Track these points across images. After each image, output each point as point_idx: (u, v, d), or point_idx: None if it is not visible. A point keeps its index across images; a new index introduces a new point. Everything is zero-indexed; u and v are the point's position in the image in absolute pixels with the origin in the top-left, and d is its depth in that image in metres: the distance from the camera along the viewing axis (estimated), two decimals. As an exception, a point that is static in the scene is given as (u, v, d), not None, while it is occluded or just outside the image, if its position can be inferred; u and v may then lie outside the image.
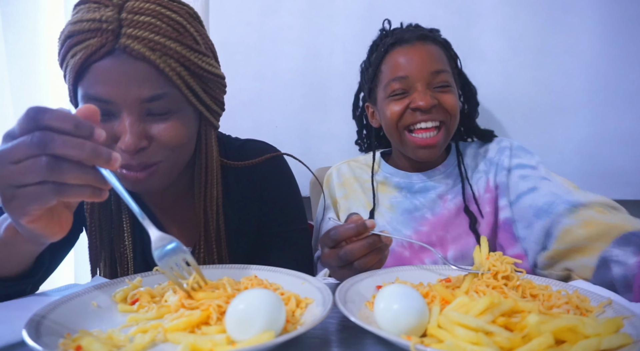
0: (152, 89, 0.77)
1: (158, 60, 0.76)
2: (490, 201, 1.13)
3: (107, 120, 0.78)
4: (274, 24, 1.62)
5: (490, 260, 0.69)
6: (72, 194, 0.55)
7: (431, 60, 1.10)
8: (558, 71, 1.47)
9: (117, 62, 0.75)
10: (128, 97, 0.76)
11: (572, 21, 1.45)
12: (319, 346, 0.56)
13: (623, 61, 1.43)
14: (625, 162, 1.44)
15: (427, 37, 1.14)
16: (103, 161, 0.55)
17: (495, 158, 1.17)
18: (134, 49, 0.75)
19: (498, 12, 1.49)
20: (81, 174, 0.54)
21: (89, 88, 0.77)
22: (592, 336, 0.47)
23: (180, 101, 0.82)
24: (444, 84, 1.10)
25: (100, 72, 0.76)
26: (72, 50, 0.77)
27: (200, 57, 0.83)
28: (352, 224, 0.73)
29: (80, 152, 0.53)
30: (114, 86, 0.75)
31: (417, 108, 1.08)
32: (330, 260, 0.76)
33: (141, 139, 0.78)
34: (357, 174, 1.28)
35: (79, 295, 0.64)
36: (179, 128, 0.82)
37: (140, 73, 0.76)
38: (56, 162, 0.53)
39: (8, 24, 1.61)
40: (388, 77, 1.12)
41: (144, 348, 0.52)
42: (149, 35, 0.76)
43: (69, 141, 0.53)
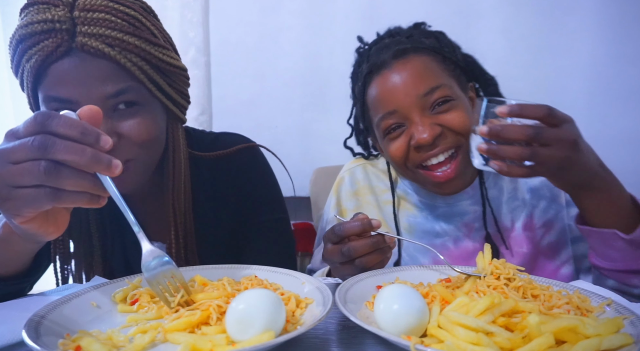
0: (115, 84, 0.76)
1: (118, 55, 0.75)
2: (528, 241, 0.99)
3: None
4: (274, 24, 1.62)
5: (493, 265, 0.69)
6: (68, 200, 0.55)
7: (418, 79, 0.91)
8: (558, 71, 1.47)
9: (77, 62, 0.74)
10: (91, 96, 0.74)
11: (572, 21, 1.45)
12: (319, 346, 0.56)
13: (623, 61, 1.43)
14: (625, 162, 1.43)
15: (406, 50, 0.94)
16: (103, 167, 0.54)
17: (544, 191, 1.02)
18: (92, 46, 0.73)
19: (498, 12, 1.49)
20: (79, 181, 0.54)
21: (50, 90, 0.75)
22: (592, 336, 0.47)
23: (145, 95, 0.81)
24: (443, 100, 0.91)
25: (59, 73, 0.74)
26: (26, 54, 0.75)
27: (160, 50, 0.82)
28: (357, 222, 0.73)
29: (80, 158, 0.52)
30: (76, 85, 0.74)
31: (420, 145, 0.91)
32: (332, 256, 0.76)
33: (109, 135, 0.77)
34: (373, 183, 1.13)
35: (79, 295, 0.64)
36: (148, 123, 0.81)
37: (102, 70, 0.75)
38: (55, 167, 0.52)
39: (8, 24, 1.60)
40: (376, 115, 0.96)
41: (143, 349, 0.52)
42: (105, 31, 0.74)
43: (70, 146, 0.52)
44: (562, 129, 0.71)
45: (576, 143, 0.72)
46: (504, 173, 0.74)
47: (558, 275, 0.99)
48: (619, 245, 0.78)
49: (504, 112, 0.71)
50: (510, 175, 0.75)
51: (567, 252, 1.00)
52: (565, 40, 1.45)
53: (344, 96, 1.57)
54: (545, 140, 0.70)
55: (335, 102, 1.61)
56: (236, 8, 1.65)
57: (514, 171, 0.73)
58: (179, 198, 0.93)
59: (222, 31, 1.65)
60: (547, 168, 0.73)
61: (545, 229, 1.01)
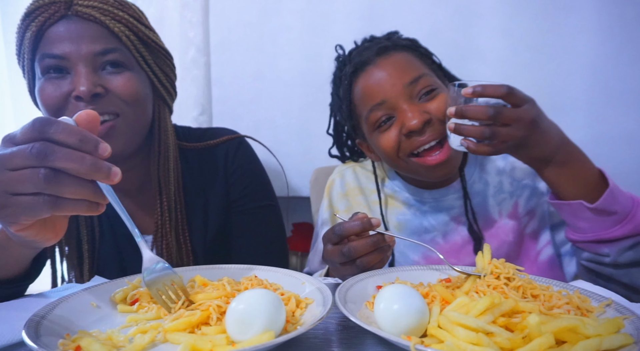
0: (104, 44, 0.85)
1: (108, 21, 0.86)
2: (514, 230, 1.03)
3: (61, 78, 0.84)
4: (274, 24, 1.62)
5: (492, 264, 0.69)
6: (67, 208, 0.54)
7: (402, 71, 0.96)
8: (558, 71, 1.47)
9: (71, 24, 0.84)
10: (82, 52, 0.83)
11: (572, 21, 1.45)
12: (319, 346, 0.56)
13: (623, 61, 1.43)
14: (625, 163, 1.43)
15: (387, 48, 1.00)
16: (103, 175, 0.53)
17: (526, 181, 1.06)
18: (86, 12, 0.84)
19: (498, 12, 1.49)
20: (79, 188, 0.53)
21: (45, 49, 0.84)
22: (592, 336, 0.47)
23: (131, 59, 0.89)
24: (428, 89, 0.95)
25: (54, 33, 0.84)
26: (29, 27, 0.85)
27: (147, 30, 0.92)
28: (357, 221, 0.73)
29: (79, 166, 0.52)
30: (68, 43, 0.83)
31: (411, 131, 0.93)
32: (333, 256, 0.76)
33: (95, 85, 0.83)
34: (363, 184, 1.16)
35: (79, 295, 0.64)
36: (133, 82, 0.88)
37: (93, 31, 0.85)
38: (54, 175, 0.51)
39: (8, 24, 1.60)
40: (365, 109, 0.99)
41: (143, 349, 0.52)
42: (98, 4, 0.86)
43: (69, 154, 0.51)
44: (520, 109, 0.79)
45: (534, 122, 0.80)
46: (471, 151, 0.83)
47: (539, 259, 1.03)
48: (587, 215, 0.83)
49: (468, 92, 0.79)
50: (477, 153, 0.83)
51: (546, 236, 1.04)
52: (565, 41, 1.45)
53: (344, 96, 1.57)
54: (505, 119, 0.78)
55: (335, 103, 1.61)
56: (236, 8, 1.64)
57: (479, 148, 0.82)
58: (167, 186, 0.96)
59: (222, 31, 1.65)
60: (507, 146, 0.81)
61: (529, 217, 1.05)
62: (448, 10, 1.52)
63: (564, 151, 0.83)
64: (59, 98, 0.83)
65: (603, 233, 0.83)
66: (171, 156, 0.97)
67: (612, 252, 0.84)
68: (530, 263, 1.04)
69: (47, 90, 0.84)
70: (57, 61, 0.83)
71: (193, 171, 1.03)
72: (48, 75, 0.84)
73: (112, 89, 0.85)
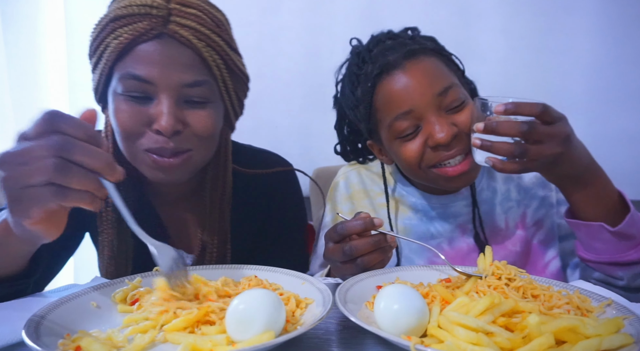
0: (194, 75, 0.80)
1: (203, 48, 0.80)
2: (522, 240, 1.02)
3: (142, 102, 0.79)
4: (274, 24, 1.62)
5: (493, 266, 0.69)
6: (73, 198, 0.56)
7: (432, 79, 0.90)
8: (558, 71, 1.47)
9: (164, 46, 0.78)
10: (171, 80, 0.78)
11: (572, 21, 1.45)
12: (319, 346, 0.56)
13: (623, 61, 1.43)
14: (625, 162, 1.44)
15: (416, 51, 0.93)
16: (112, 172, 0.56)
17: (535, 190, 1.04)
18: (183, 35, 0.78)
19: (498, 12, 1.49)
20: (86, 180, 0.55)
21: (131, 68, 0.78)
22: (592, 336, 0.47)
23: (215, 92, 0.85)
24: (457, 102, 0.91)
25: (145, 53, 0.77)
26: (116, 31, 0.78)
27: (235, 55, 0.88)
28: (359, 221, 0.73)
29: (96, 162, 0.55)
30: (159, 67, 0.77)
31: (438, 144, 0.89)
32: (334, 255, 0.76)
33: (178, 122, 0.79)
34: (368, 187, 1.12)
35: (79, 296, 0.64)
36: (212, 118, 0.84)
37: (185, 58, 0.79)
38: (65, 165, 0.54)
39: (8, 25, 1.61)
40: (389, 116, 0.93)
41: (143, 349, 0.52)
42: (195, 25, 0.79)
43: (87, 148, 0.54)
44: (555, 126, 0.75)
45: (568, 140, 0.76)
46: (497, 169, 0.78)
47: (547, 271, 1.02)
48: (605, 237, 0.80)
49: (499, 110, 0.74)
50: (504, 171, 0.78)
51: (555, 249, 1.03)
52: (565, 40, 1.45)
53: (344, 96, 1.57)
54: (538, 136, 0.74)
55: (335, 103, 1.61)
56: (236, 8, 1.64)
57: (507, 166, 0.77)
58: (225, 203, 0.95)
59: (222, 31, 1.65)
60: (538, 163, 0.77)
61: (536, 228, 1.04)
62: (448, 10, 1.52)
63: (590, 170, 0.81)
64: (137, 125, 0.79)
65: (619, 256, 0.81)
66: (229, 177, 0.96)
67: (625, 276, 0.82)
68: (537, 274, 1.01)
69: (126, 114, 0.79)
70: (142, 84, 0.77)
71: (237, 193, 1.00)
72: (128, 95, 0.79)
73: (191, 124, 0.81)
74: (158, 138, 0.79)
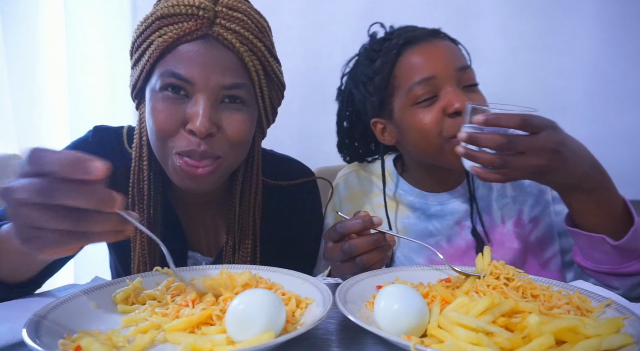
0: (234, 77, 0.80)
1: (245, 53, 0.81)
2: (519, 237, 1.02)
3: (179, 102, 0.79)
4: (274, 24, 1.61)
5: (492, 266, 0.69)
6: (96, 240, 0.54)
7: (454, 55, 0.96)
8: (558, 71, 1.47)
9: (208, 47, 0.79)
10: (210, 81, 0.78)
11: (572, 21, 1.45)
12: (319, 346, 0.56)
13: (623, 61, 1.43)
14: (625, 162, 1.43)
15: (439, 33, 1.00)
16: (109, 207, 0.53)
17: (530, 188, 1.06)
18: (227, 38, 0.79)
19: (498, 12, 1.49)
20: (107, 223, 0.53)
21: (173, 66, 0.78)
22: (592, 336, 0.47)
23: (251, 97, 0.85)
24: (472, 81, 0.96)
25: (188, 52, 0.78)
26: (161, 29, 0.79)
27: (274, 61, 0.88)
28: (359, 220, 0.73)
29: (86, 203, 0.51)
30: (199, 67, 0.78)
31: (456, 112, 0.90)
32: (333, 254, 0.76)
33: (212, 124, 0.78)
34: (366, 188, 1.14)
35: (79, 295, 0.64)
36: (247, 123, 0.84)
37: (227, 61, 0.80)
38: (84, 214, 0.52)
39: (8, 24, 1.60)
40: (409, 81, 0.95)
41: (143, 349, 0.52)
42: (240, 29, 0.80)
43: (72, 191, 0.50)
44: (538, 137, 0.73)
45: (555, 150, 0.73)
46: (481, 178, 0.78)
47: (546, 269, 1.02)
48: (606, 249, 0.78)
49: (479, 121, 0.74)
50: (488, 180, 0.78)
51: (554, 247, 1.03)
52: (565, 41, 1.45)
53: (344, 96, 1.57)
54: (519, 149, 0.73)
55: (336, 102, 1.61)
56: (236, 8, 1.65)
57: (489, 176, 0.77)
58: (256, 207, 0.95)
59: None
60: (522, 174, 0.76)
61: (533, 225, 1.04)
62: (448, 10, 1.52)
63: (591, 178, 0.77)
64: (172, 124, 0.79)
65: (618, 267, 0.79)
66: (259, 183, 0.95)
67: (623, 286, 0.81)
68: (535, 271, 1.02)
69: (162, 112, 0.79)
70: (182, 82, 0.78)
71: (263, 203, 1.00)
72: (166, 92, 0.79)
73: (225, 128, 0.81)
74: (190, 139, 0.78)
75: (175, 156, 0.81)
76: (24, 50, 1.62)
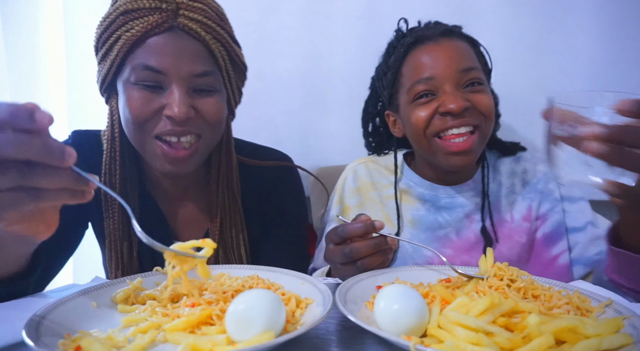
0: (203, 65, 0.84)
1: (211, 41, 0.85)
2: (527, 232, 1.04)
3: (154, 91, 0.83)
4: (274, 24, 1.62)
5: (495, 267, 0.69)
6: (49, 198, 0.52)
7: (459, 56, 0.98)
8: (558, 71, 1.47)
9: (175, 38, 0.82)
10: (181, 70, 0.82)
11: (571, 21, 1.45)
12: (319, 346, 0.56)
13: (622, 61, 1.42)
14: (625, 163, 1.43)
15: (452, 32, 1.02)
16: (57, 157, 0.49)
17: (539, 185, 1.07)
18: (192, 28, 0.82)
19: (498, 12, 1.49)
20: (56, 178, 0.50)
21: (145, 59, 0.81)
22: (592, 336, 0.47)
23: (220, 82, 0.89)
24: (475, 81, 0.98)
25: (157, 45, 0.82)
26: (127, 24, 0.82)
27: (236, 46, 0.93)
28: (360, 224, 0.73)
29: (31, 154, 0.48)
30: (170, 58, 0.81)
31: (448, 112, 0.95)
32: (334, 256, 0.76)
33: (190, 109, 0.83)
34: (375, 179, 1.15)
35: (79, 295, 0.64)
36: (220, 105, 0.88)
37: (194, 50, 0.84)
38: (27, 167, 0.49)
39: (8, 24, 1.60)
40: (411, 79, 1.00)
41: (143, 349, 0.52)
42: (202, 19, 0.84)
43: (13, 139, 0.47)
44: None
45: None
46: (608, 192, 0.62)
47: (555, 265, 1.03)
48: None
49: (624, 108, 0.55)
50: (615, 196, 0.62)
51: (563, 243, 1.04)
52: (565, 40, 1.45)
53: (344, 96, 1.57)
54: None
55: (335, 102, 1.61)
56: (236, 8, 1.64)
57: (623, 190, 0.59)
58: (233, 188, 0.98)
59: (222, 31, 1.65)
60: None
61: (541, 221, 1.06)
62: (448, 10, 1.52)
63: None
64: (149, 113, 0.83)
65: None
66: (235, 163, 0.99)
67: None
68: (542, 266, 1.04)
69: (138, 101, 0.82)
70: (155, 74, 0.81)
71: (242, 186, 1.03)
72: (141, 85, 0.82)
73: (201, 111, 0.85)
74: (167, 122, 0.82)
75: (155, 140, 0.84)
76: (24, 50, 1.62)
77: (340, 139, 1.62)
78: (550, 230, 1.05)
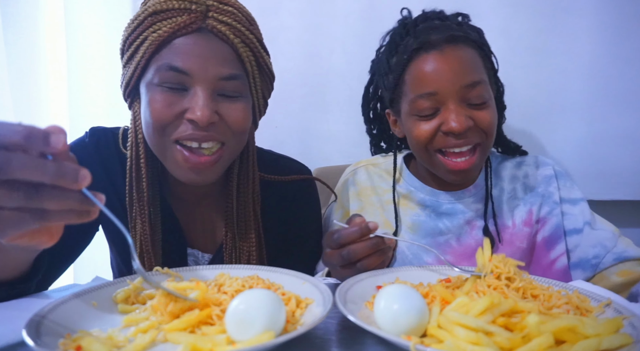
0: (230, 68, 0.82)
1: (239, 44, 0.82)
2: (528, 237, 1.04)
3: (178, 93, 0.80)
4: (274, 24, 1.62)
5: (493, 262, 0.69)
6: (54, 219, 0.51)
7: (464, 70, 0.94)
8: (558, 71, 1.47)
9: (204, 39, 0.80)
10: (208, 73, 0.79)
11: (571, 22, 1.44)
12: (319, 346, 0.56)
13: (622, 61, 1.42)
14: (624, 163, 1.43)
15: (458, 38, 0.96)
16: (70, 181, 0.48)
17: (540, 189, 1.07)
18: (220, 30, 0.80)
19: (498, 12, 1.49)
20: (62, 200, 0.49)
21: (171, 60, 0.79)
22: (592, 336, 0.47)
23: (246, 87, 0.86)
24: (480, 100, 0.95)
25: (184, 46, 0.79)
26: (155, 25, 0.80)
27: (265, 54, 0.90)
28: (355, 228, 0.73)
29: (42, 176, 0.47)
30: (197, 59, 0.79)
31: (450, 131, 0.93)
32: (332, 259, 0.76)
33: (213, 113, 0.80)
34: (376, 183, 1.14)
35: (79, 295, 0.64)
36: (245, 112, 0.85)
37: (222, 53, 0.81)
38: (35, 190, 0.48)
39: (8, 24, 1.60)
40: (413, 92, 0.96)
41: (144, 349, 0.52)
42: (232, 22, 0.82)
43: (27, 162, 0.46)
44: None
45: None
46: None
47: (554, 268, 1.03)
48: None
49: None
50: None
51: (562, 246, 1.04)
52: (565, 41, 1.45)
53: (344, 96, 1.57)
54: None
55: (335, 102, 1.61)
56: (236, 8, 1.64)
57: None
58: (254, 200, 0.94)
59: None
60: None
61: (540, 225, 1.06)
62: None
63: None
64: (171, 116, 0.80)
65: None
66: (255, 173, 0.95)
67: None
68: (542, 270, 1.03)
69: (161, 104, 0.79)
70: (179, 75, 0.79)
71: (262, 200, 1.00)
72: (164, 86, 0.80)
73: (224, 116, 0.82)
74: (189, 126, 0.79)
75: (175, 145, 0.81)
76: (24, 50, 1.62)
77: (341, 139, 1.62)
78: (549, 234, 1.05)
